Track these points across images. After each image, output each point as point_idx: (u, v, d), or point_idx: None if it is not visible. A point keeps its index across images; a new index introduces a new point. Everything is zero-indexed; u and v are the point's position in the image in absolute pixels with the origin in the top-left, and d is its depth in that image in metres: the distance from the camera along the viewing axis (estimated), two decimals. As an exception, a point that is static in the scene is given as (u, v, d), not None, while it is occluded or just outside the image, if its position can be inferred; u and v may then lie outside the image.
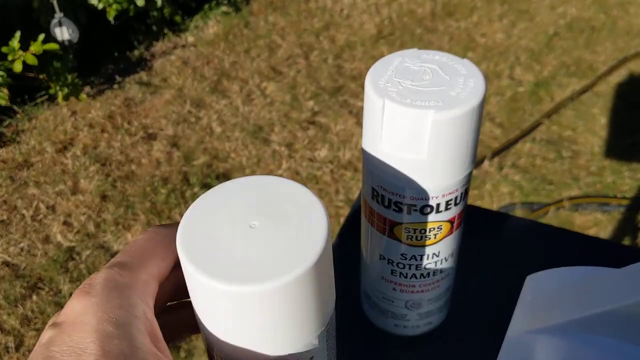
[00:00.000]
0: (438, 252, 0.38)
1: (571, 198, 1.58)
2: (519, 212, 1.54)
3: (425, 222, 0.37)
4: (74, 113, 1.80)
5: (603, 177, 1.65)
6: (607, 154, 1.72)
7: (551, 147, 1.73)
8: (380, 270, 0.41)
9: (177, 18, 2.12)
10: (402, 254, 0.39)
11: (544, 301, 0.33)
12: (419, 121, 0.32)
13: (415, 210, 0.36)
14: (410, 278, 0.40)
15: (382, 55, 2.04)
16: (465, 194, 0.37)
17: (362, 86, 1.92)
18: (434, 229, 0.37)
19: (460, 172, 0.35)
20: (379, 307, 0.44)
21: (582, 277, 0.32)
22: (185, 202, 1.53)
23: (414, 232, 0.37)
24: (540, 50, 2.08)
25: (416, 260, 0.39)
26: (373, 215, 0.38)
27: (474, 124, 0.33)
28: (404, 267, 0.39)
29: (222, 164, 1.63)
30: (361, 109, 1.84)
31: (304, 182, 1.61)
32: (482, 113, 0.34)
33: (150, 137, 1.71)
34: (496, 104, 1.87)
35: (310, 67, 1.96)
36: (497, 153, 1.71)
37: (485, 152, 1.71)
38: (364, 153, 0.37)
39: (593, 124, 1.81)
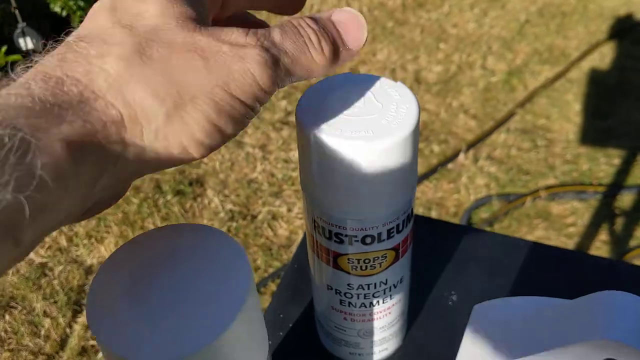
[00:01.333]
0: (385, 280, 0.37)
1: (547, 187, 1.57)
2: (495, 204, 1.53)
3: (369, 252, 0.35)
4: (41, 124, 1.76)
5: (579, 164, 1.64)
6: (582, 141, 1.72)
7: (526, 136, 1.73)
8: (330, 300, 0.40)
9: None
10: (348, 284, 0.37)
11: (490, 335, 0.31)
12: (348, 153, 0.30)
13: (357, 240, 0.34)
14: (360, 307, 0.38)
15: (353, 51, 2.02)
16: (407, 220, 0.35)
17: (335, 83, 1.90)
18: (379, 257, 0.35)
19: (398, 201, 0.33)
20: (332, 336, 0.42)
21: (530, 310, 0.30)
22: (158, 210, 1.50)
23: (358, 263, 0.35)
24: (512, 38, 2.07)
25: (364, 289, 0.37)
26: (317, 245, 0.36)
27: (408, 151, 0.32)
28: (352, 297, 0.38)
29: (194, 170, 1.61)
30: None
31: (279, 183, 1.59)
32: (417, 138, 0.32)
33: (121, 146, 1.68)
34: (470, 95, 1.86)
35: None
36: (472, 145, 1.70)
37: (460, 144, 1.70)
38: (301, 185, 0.35)
39: (567, 111, 1.81)
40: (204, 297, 0.24)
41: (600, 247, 1.44)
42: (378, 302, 0.38)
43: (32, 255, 1.41)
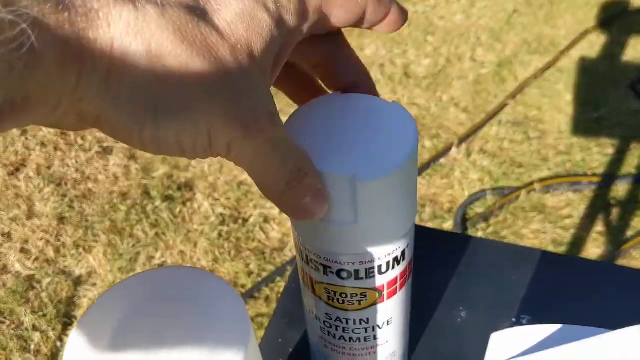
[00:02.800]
0: (366, 319, 0.34)
1: (542, 180, 1.55)
2: (490, 199, 1.51)
3: (344, 287, 0.32)
4: (24, 132, 1.72)
5: (572, 155, 1.63)
6: (574, 131, 1.70)
7: (518, 128, 1.71)
8: (314, 326, 0.37)
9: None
10: (326, 314, 0.35)
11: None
12: (336, 185, 0.27)
13: (332, 272, 0.31)
14: (339, 339, 0.36)
15: (341, 46, 1.99)
16: (396, 261, 0.32)
17: (323, 80, 1.87)
18: (357, 295, 0.32)
19: (383, 240, 0.30)
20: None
21: (550, 341, 0.28)
22: (147, 217, 1.47)
23: (334, 295, 0.33)
24: (501, 29, 2.05)
25: (341, 322, 0.35)
26: (301, 269, 0.34)
27: (402, 184, 0.29)
28: (330, 327, 0.35)
29: (183, 174, 1.57)
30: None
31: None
32: (414, 167, 0.29)
33: (106, 151, 1.64)
34: (460, 88, 1.84)
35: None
36: (464, 139, 1.68)
37: (452, 139, 1.68)
38: None
39: (558, 101, 1.79)
40: (197, 349, 0.21)
41: (597, 239, 1.42)
42: (358, 339, 0.36)
43: (19, 267, 1.37)
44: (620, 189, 1.52)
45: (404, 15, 0.29)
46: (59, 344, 1.22)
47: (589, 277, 0.44)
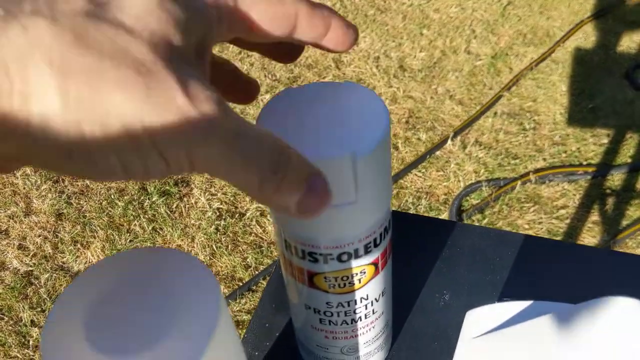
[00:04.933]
0: (366, 295, 0.34)
1: (537, 171, 1.56)
2: (485, 190, 1.52)
3: (346, 269, 0.33)
4: (21, 130, 1.72)
5: (567, 145, 1.63)
6: (569, 121, 1.70)
7: (513, 120, 1.71)
8: (308, 319, 0.37)
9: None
10: (327, 303, 0.35)
11: (485, 343, 0.29)
12: (333, 168, 0.28)
13: (332, 259, 0.32)
14: (342, 325, 0.36)
15: (336, 40, 1.99)
16: (385, 232, 0.33)
17: (319, 74, 1.87)
18: (357, 274, 0.33)
19: (374, 216, 0.31)
20: (315, 355, 0.40)
21: (523, 316, 0.28)
22: (145, 212, 1.47)
23: (336, 281, 0.33)
24: (496, 21, 2.05)
25: (344, 307, 0.35)
26: (290, 265, 0.34)
27: (378, 166, 0.29)
28: (332, 315, 0.36)
29: (179, 169, 1.58)
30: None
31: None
32: (387, 152, 0.30)
33: (103, 148, 1.65)
34: (455, 81, 1.84)
35: (264, 59, 1.91)
36: (459, 131, 1.68)
37: (447, 131, 1.68)
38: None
39: (553, 92, 1.79)
40: (170, 325, 0.22)
41: (592, 228, 1.43)
42: (360, 318, 0.36)
43: (17, 264, 1.38)
44: (616, 179, 1.53)
45: (351, 33, 0.25)
46: None
47: (571, 260, 0.45)
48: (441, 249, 0.47)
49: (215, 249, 1.39)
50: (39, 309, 1.28)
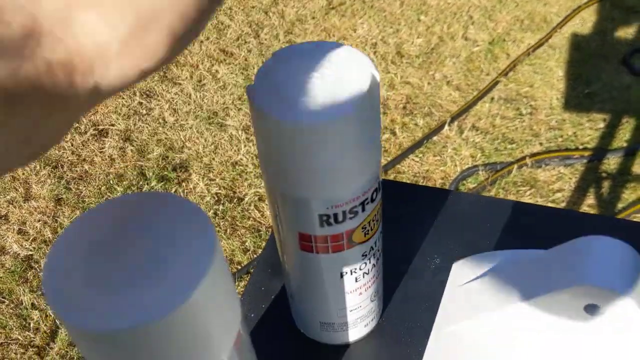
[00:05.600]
0: (356, 257, 0.36)
1: (533, 155, 1.57)
2: (482, 174, 1.53)
3: (336, 232, 0.34)
4: (20, 116, 1.73)
5: (563, 130, 1.64)
6: (566, 106, 1.71)
7: (510, 105, 1.72)
8: (300, 283, 0.39)
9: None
10: (317, 265, 0.36)
11: (468, 290, 0.30)
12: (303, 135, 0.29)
13: (323, 221, 0.33)
14: (332, 288, 0.38)
15: (334, 27, 2.00)
16: (375, 194, 0.34)
17: (316, 60, 1.87)
18: (347, 236, 0.34)
19: (363, 177, 0.32)
20: (307, 318, 0.42)
21: (507, 263, 0.29)
22: (143, 197, 1.48)
23: (325, 242, 0.34)
24: (493, 7, 2.05)
25: (334, 269, 0.36)
26: (281, 228, 0.35)
27: (366, 125, 0.30)
28: (322, 278, 0.37)
29: (178, 155, 1.59)
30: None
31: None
32: (374, 111, 0.31)
33: (101, 134, 1.65)
34: (452, 67, 1.85)
35: (262, 45, 1.92)
36: (456, 117, 1.69)
37: (444, 116, 1.69)
38: (280, 186, 0.33)
39: (550, 78, 1.80)
40: (167, 262, 0.23)
41: (587, 212, 1.44)
42: (351, 280, 0.37)
43: (16, 248, 1.39)
44: (612, 163, 1.54)
45: None
46: (58, 321, 1.24)
47: (562, 224, 0.46)
48: (433, 215, 0.48)
49: (213, 233, 1.40)
50: (39, 292, 1.30)
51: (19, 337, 1.22)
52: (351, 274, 0.37)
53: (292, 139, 0.29)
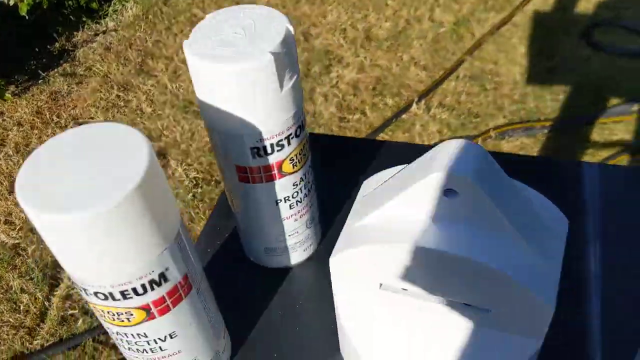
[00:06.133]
0: (288, 185, 0.42)
1: (496, 127, 1.64)
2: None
3: (266, 163, 0.40)
4: (0, 114, 1.78)
5: (526, 103, 1.71)
6: (528, 80, 1.78)
7: (475, 82, 1.79)
8: (242, 213, 0.45)
9: (94, 5, 2.10)
10: (254, 195, 0.43)
11: (368, 196, 0.37)
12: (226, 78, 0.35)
13: (255, 152, 0.39)
14: (269, 213, 0.44)
15: (304, 15, 2.06)
16: (300, 128, 0.40)
17: (288, 48, 1.93)
18: (278, 166, 0.40)
19: (293, 110, 0.39)
20: (255, 246, 0.48)
21: (399, 172, 0.36)
22: (125, 185, 1.54)
23: (259, 172, 0.41)
24: (458, -11, 2.12)
25: (268, 198, 0.43)
26: (223, 164, 0.42)
27: (282, 66, 0.36)
28: (260, 206, 0.43)
29: (156, 143, 1.64)
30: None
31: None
32: (291, 54, 0.37)
33: (82, 127, 1.71)
34: (419, 48, 1.91)
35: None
36: (424, 95, 1.76)
37: (413, 95, 1.75)
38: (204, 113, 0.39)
39: (514, 54, 1.87)
40: (111, 167, 0.29)
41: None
42: (286, 207, 0.44)
43: (4, 238, 1.44)
44: (571, 132, 1.61)
45: None
46: (46, 303, 1.30)
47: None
48: (364, 166, 0.55)
49: (193, 215, 1.46)
50: (28, 277, 1.35)
51: (10, 320, 1.28)
52: (285, 201, 0.43)
53: (229, 83, 0.35)
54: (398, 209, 0.33)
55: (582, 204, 0.51)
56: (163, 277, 0.34)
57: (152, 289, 0.34)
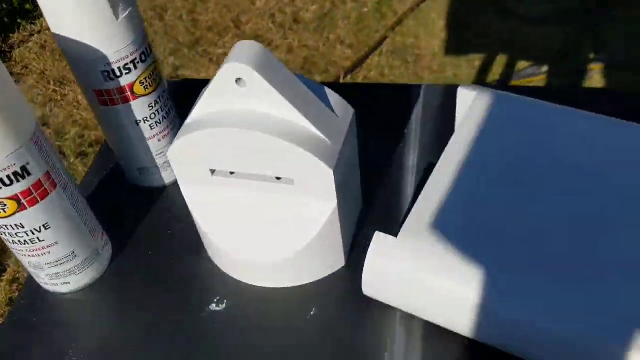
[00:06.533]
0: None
1: (416, 95, 1.74)
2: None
3: (120, 87, 0.48)
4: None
5: (445, 72, 1.82)
6: (446, 52, 1.89)
7: (397, 56, 1.89)
8: (113, 134, 0.53)
9: (28, 6, 2.14)
10: (118, 115, 0.51)
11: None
12: None
13: (109, 75, 0.47)
14: (136, 134, 0.52)
15: (234, 3, 2.13)
16: (145, 54, 0.48)
17: (219, 34, 2.01)
18: (126, 89, 0.49)
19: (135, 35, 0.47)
20: (130, 165, 0.56)
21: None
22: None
23: (115, 95, 0.49)
24: (381, -29, 2.22)
25: (131, 117, 0.51)
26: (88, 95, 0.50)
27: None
28: (126, 128, 0.51)
29: (93, 132, 1.70)
30: (221, 55, 1.94)
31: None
32: None
33: (20, 122, 1.75)
34: (344, 28, 2.01)
35: (167, 26, 2.04)
36: (350, 71, 1.85)
37: (339, 72, 1.85)
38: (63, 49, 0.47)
39: (433, 28, 1.97)
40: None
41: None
42: (152, 125, 0.52)
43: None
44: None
45: None
46: (-9, 287, 1.35)
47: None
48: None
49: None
50: (-28, 265, 1.40)
51: (-44, 305, 1.33)
52: (145, 122, 0.52)
53: (73, 14, 0.44)
54: (209, 101, 0.42)
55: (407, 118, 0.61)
56: (25, 170, 0.42)
57: (18, 180, 0.42)
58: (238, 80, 0.40)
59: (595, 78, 1.74)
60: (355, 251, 0.51)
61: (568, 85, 1.73)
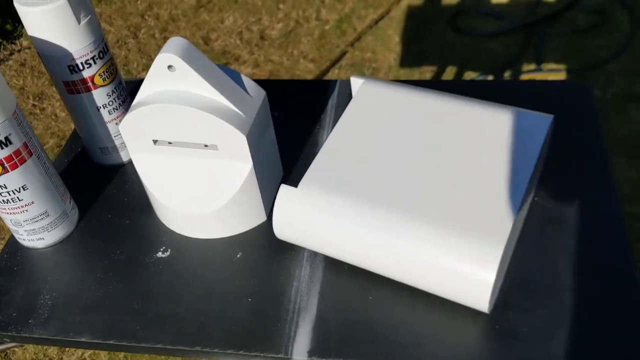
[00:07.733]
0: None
1: (371, 104, 1.88)
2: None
3: (83, 78, 0.61)
4: None
5: (399, 83, 1.96)
6: (401, 64, 2.04)
7: (355, 69, 2.03)
8: (79, 117, 0.65)
9: (8, 27, 2.26)
10: (83, 102, 0.63)
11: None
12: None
13: (74, 68, 0.60)
14: (98, 118, 0.64)
15: (204, 22, 2.27)
16: (103, 52, 0.61)
17: (190, 52, 2.14)
18: (88, 80, 0.61)
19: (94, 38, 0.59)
20: (92, 146, 0.68)
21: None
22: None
23: (79, 85, 0.61)
24: (342, -8, 2.38)
25: (93, 104, 0.63)
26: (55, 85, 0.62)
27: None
28: (89, 113, 0.64)
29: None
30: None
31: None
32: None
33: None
34: (307, 44, 2.15)
35: (140, 44, 2.17)
36: (311, 83, 1.99)
37: (301, 84, 1.98)
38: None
39: (389, 43, 2.13)
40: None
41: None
42: (111, 110, 0.65)
43: None
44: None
45: None
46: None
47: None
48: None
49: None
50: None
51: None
52: (104, 108, 0.64)
53: (44, 19, 0.56)
54: (149, 84, 0.54)
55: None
56: (8, 140, 0.54)
57: (2, 148, 0.54)
58: (169, 67, 0.52)
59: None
60: (275, 208, 0.63)
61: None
